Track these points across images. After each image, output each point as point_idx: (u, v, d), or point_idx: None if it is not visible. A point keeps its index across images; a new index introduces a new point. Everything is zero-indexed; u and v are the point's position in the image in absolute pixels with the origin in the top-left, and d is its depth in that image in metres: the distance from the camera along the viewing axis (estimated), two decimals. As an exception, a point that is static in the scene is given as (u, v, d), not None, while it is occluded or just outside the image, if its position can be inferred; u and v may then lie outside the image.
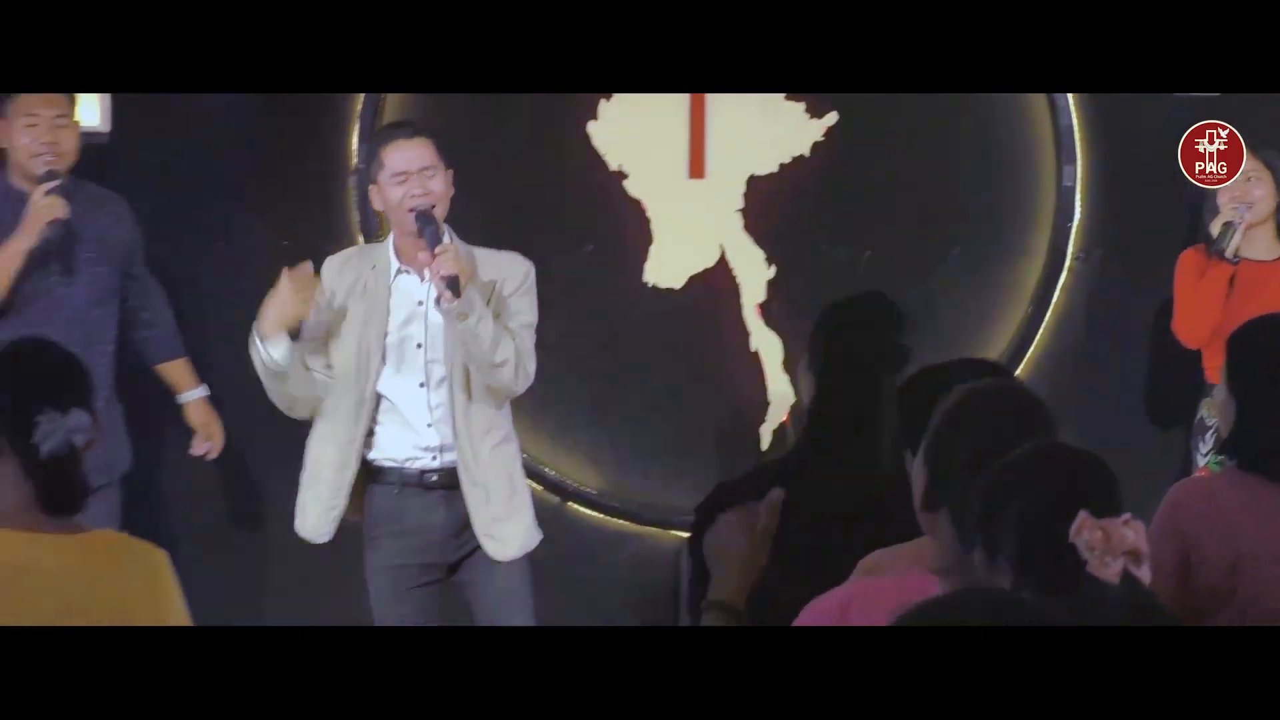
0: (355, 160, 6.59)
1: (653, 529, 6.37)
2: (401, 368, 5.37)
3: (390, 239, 5.55)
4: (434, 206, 5.39)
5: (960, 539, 3.16)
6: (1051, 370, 6.56)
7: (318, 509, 5.27)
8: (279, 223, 6.66)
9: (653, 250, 6.60)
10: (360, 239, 6.56)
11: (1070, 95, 6.59)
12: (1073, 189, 6.56)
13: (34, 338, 4.14)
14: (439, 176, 5.41)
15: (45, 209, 5.85)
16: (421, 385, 5.34)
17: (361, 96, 6.67)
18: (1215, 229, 6.31)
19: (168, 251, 6.51)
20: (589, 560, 6.54)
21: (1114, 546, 2.94)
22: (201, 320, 6.58)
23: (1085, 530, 2.92)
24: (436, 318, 5.35)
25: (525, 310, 5.38)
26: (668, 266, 6.55)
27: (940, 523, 3.18)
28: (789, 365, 6.29)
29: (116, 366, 6.24)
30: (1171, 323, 6.31)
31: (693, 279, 6.65)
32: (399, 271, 5.50)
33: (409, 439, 5.39)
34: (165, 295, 6.36)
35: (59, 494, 3.69)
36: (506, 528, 5.24)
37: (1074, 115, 6.58)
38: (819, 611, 3.31)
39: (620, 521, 6.63)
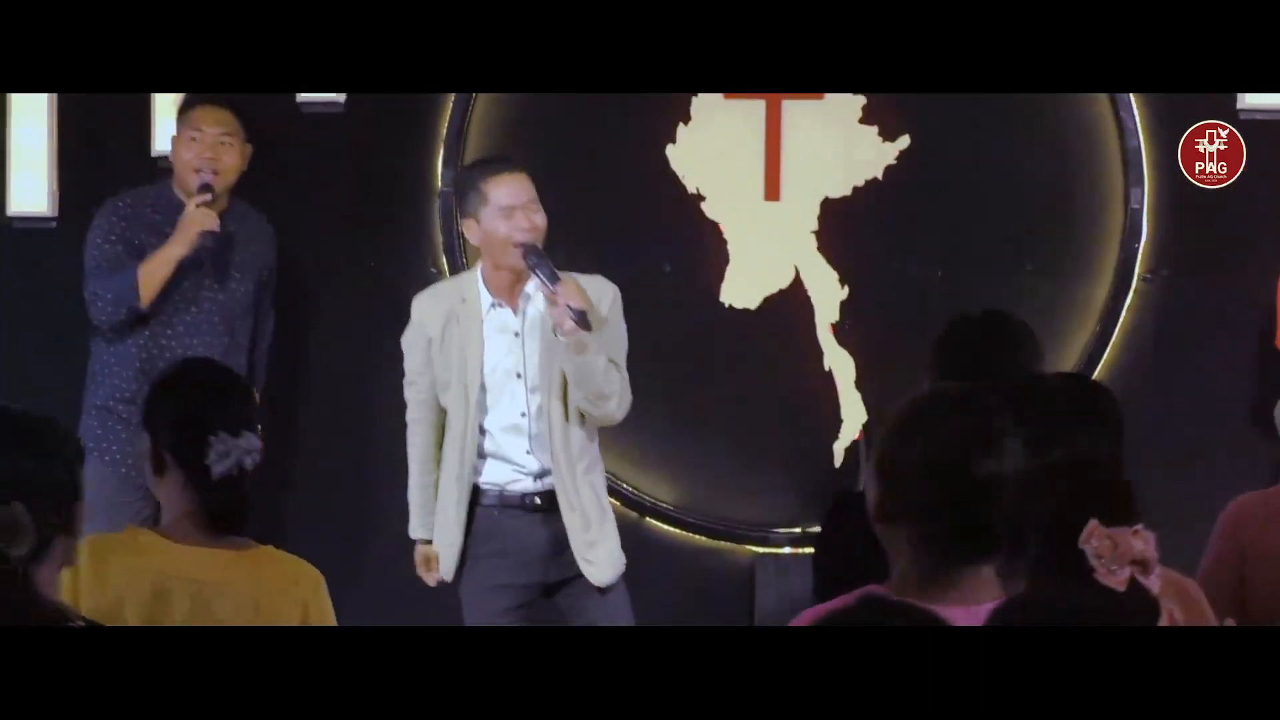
0: (440, 183, 6.63)
1: (726, 544, 6.37)
2: (501, 399, 5.37)
3: (478, 271, 5.51)
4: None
5: (915, 550, 3.14)
6: (1120, 387, 6.18)
7: (442, 547, 5.28)
8: (365, 241, 6.75)
9: (729, 270, 6.62)
10: (444, 259, 6.63)
11: (1138, 118, 6.54)
12: (1140, 210, 6.53)
13: (204, 359, 4.18)
14: (540, 211, 5.39)
15: (197, 220, 5.96)
16: (522, 415, 5.36)
17: (446, 120, 6.68)
18: None
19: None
20: (665, 573, 6.51)
21: (1121, 555, 2.96)
22: (288, 333, 6.66)
23: (1094, 538, 2.96)
24: (534, 348, 5.35)
25: (619, 336, 5.40)
26: (744, 286, 6.57)
27: (896, 534, 3.18)
28: (861, 384, 6.30)
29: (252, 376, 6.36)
30: (1276, 339, 6.24)
31: (768, 299, 6.67)
32: (493, 305, 5.46)
33: (510, 465, 5.39)
34: (272, 329, 6.46)
35: (224, 513, 3.71)
36: (600, 552, 5.24)
37: (1141, 138, 6.53)
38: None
39: (696, 537, 6.63)
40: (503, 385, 5.37)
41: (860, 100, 6.61)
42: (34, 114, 6.58)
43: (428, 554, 5.41)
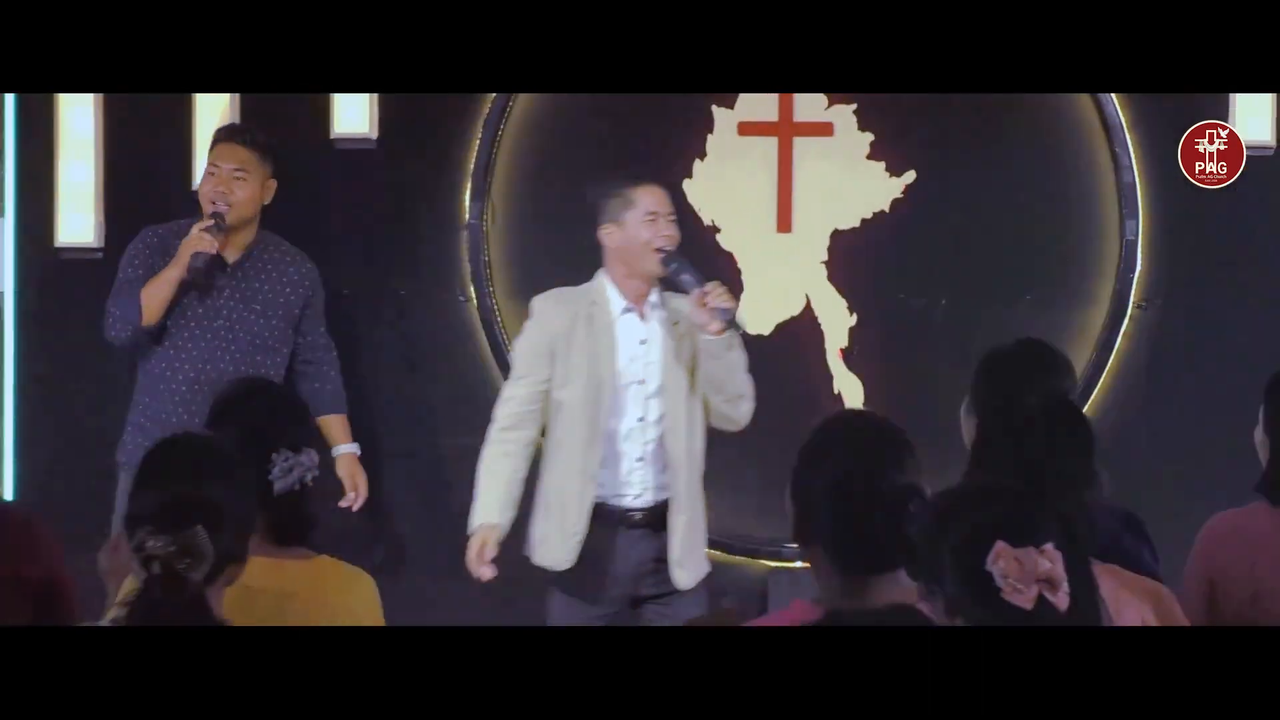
0: (467, 216, 6.65)
1: (743, 559, 6.36)
2: (622, 404, 5.39)
3: (604, 278, 5.52)
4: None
5: (833, 567, 3.17)
6: (1115, 412, 6.52)
7: (561, 538, 5.23)
8: (396, 270, 6.78)
9: (743, 299, 6.56)
10: (471, 287, 6.65)
11: (1133, 154, 6.49)
12: (1134, 242, 6.52)
13: (265, 380, 4.19)
14: (676, 225, 5.42)
15: (193, 241, 6.04)
16: (640, 420, 5.38)
17: (474, 157, 6.68)
18: None
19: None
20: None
21: (1027, 574, 2.93)
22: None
23: (1001, 559, 2.93)
24: (656, 355, 5.37)
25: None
26: (757, 314, 6.51)
27: (816, 554, 3.21)
28: (869, 406, 6.23)
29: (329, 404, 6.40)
30: None
31: (780, 325, 6.70)
32: (625, 310, 5.46)
33: (619, 474, 5.41)
34: (336, 355, 6.44)
35: (290, 526, 3.77)
36: (694, 556, 5.27)
37: (1136, 171, 6.50)
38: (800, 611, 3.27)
39: (713, 552, 6.37)
40: (625, 390, 5.40)
41: (869, 137, 6.60)
42: (82, 150, 6.67)
43: (488, 538, 5.36)
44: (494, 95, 6.70)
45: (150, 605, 3.18)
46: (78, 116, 6.67)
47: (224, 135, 6.26)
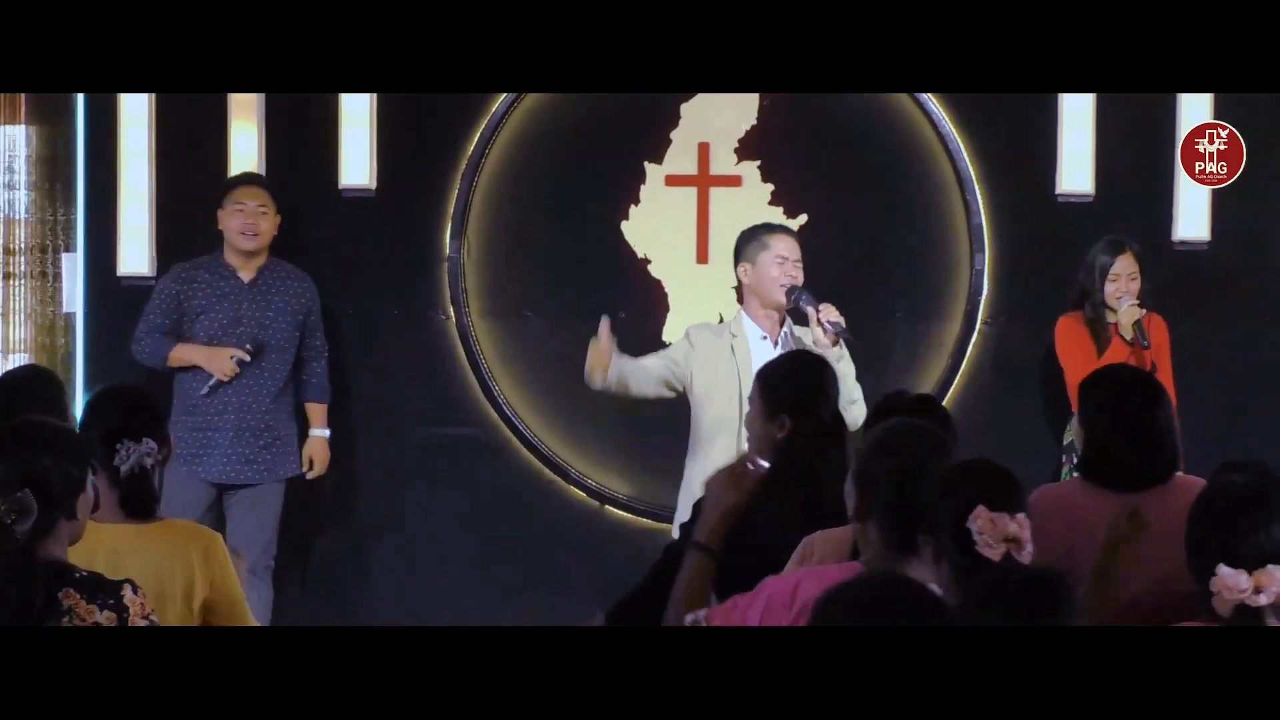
0: (448, 251, 7.04)
1: (667, 524, 6.23)
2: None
3: (743, 314, 5.80)
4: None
5: (884, 540, 3.27)
6: (967, 409, 6.76)
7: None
8: (390, 295, 7.14)
9: (669, 317, 6.99)
10: (451, 309, 7.01)
11: (980, 201, 6.86)
12: (982, 271, 6.93)
13: (120, 385, 4.12)
14: (801, 271, 5.70)
15: (220, 366, 6.36)
16: None
17: (453, 202, 7.01)
18: (1127, 322, 6.35)
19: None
20: (620, 549, 6.76)
21: (996, 534, 3.08)
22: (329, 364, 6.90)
23: (979, 519, 3.10)
24: None
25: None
26: (680, 328, 6.54)
27: (869, 529, 3.33)
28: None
29: (295, 396, 6.72)
30: (1069, 380, 6.30)
31: None
32: (761, 338, 5.70)
33: None
34: (327, 356, 6.75)
35: (134, 499, 3.88)
36: None
37: (983, 216, 6.93)
38: (776, 587, 3.35)
39: (644, 520, 6.94)
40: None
41: (770, 187, 6.99)
42: (139, 199, 7.07)
43: (606, 338, 5.62)
44: (470, 151, 7.03)
45: None
46: (135, 171, 7.09)
47: (244, 179, 6.64)
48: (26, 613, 3.17)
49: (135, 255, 7.11)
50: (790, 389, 4.30)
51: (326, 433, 6.69)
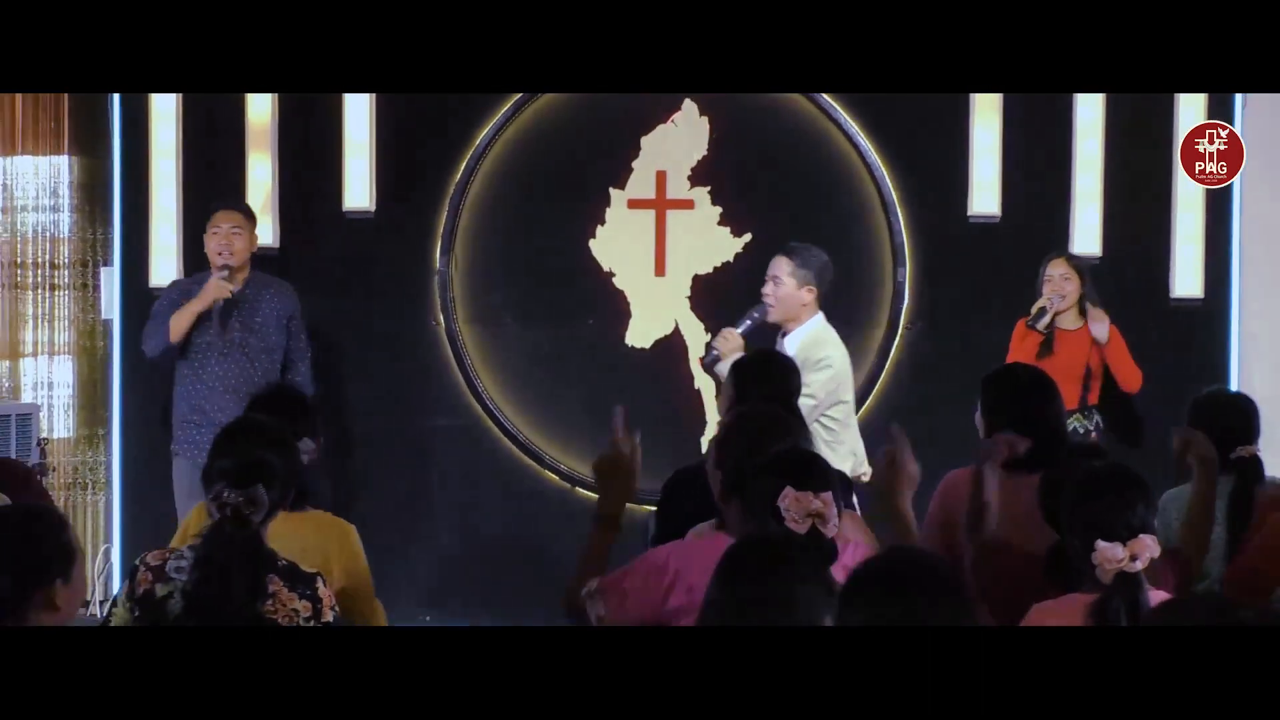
0: (438, 266, 7.31)
1: (631, 505, 4.78)
2: None
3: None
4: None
5: (743, 514, 3.49)
6: (890, 405, 7.13)
7: None
8: (386, 306, 7.36)
9: (631, 323, 7.30)
10: (441, 317, 7.25)
11: (902, 222, 7.20)
12: (903, 283, 7.32)
13: (283, 387, 4.13)
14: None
15: (214, 289, 6.60)
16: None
17: (443, 223, 7.22)
18: (1035, 310, 6.70)
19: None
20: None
21: (801, 510, 3.27)
22: (330, 371, 7.22)
23: (787, 499, 3.30)
24: None
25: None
26: (641, 333, 7.20)
27: (733, 507, 3.58)
28: (717, 399, 5.58)
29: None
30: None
31: (657, 342, 7.33)
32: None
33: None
34: (310, 356, 6.89)
35: (299, 494, 3.81)
36: None
37: (905, 235, 7.30)
38: (651, 558, 3.57)
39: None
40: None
41: (719, 209, 7.32)
42: (167, 219, 7.34)
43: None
44: (458, 178, 7.29)
45: (221, 539, 3.28)
46: (165, 195, 7.39)
47: (219, 205, 6.83)
48: (256, 594, 3.26)
49: (165, 269, 7.45)
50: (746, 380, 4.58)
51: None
